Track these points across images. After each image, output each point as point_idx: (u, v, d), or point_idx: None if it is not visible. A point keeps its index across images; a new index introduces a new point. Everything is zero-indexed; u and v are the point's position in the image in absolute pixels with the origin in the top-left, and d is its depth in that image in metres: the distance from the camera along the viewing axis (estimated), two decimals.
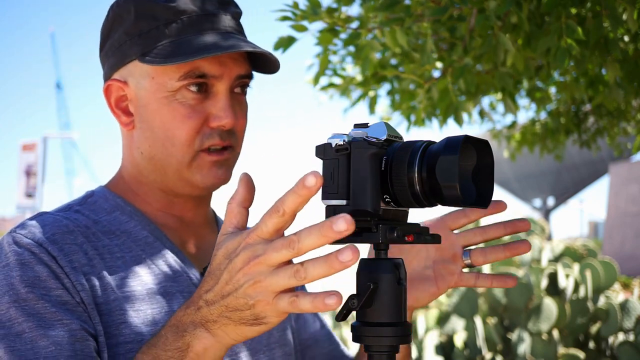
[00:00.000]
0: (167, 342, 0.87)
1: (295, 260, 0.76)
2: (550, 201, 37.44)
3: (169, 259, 1.11)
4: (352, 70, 2.81)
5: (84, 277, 1.01)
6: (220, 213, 1.31)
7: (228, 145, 1.12)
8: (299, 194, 0.72)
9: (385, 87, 2.77)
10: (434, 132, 12.40)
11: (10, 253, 0.99)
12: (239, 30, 1.15)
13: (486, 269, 4.68)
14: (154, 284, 1.07)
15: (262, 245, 0.76)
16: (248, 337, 0.82)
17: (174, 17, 1.08)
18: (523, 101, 3.77)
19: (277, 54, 2.20)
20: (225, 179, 1.14)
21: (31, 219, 1.06)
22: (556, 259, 4.74)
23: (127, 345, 1.01)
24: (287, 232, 0.78)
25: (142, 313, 1.04)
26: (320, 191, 0.87)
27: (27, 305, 0.95)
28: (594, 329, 4.17)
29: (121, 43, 1.11)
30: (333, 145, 0.86)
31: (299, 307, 0.74)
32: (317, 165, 0.88)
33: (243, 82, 1.14)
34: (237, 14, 1.15)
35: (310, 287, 1.44)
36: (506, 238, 4.64)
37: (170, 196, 1.16)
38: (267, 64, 1.15)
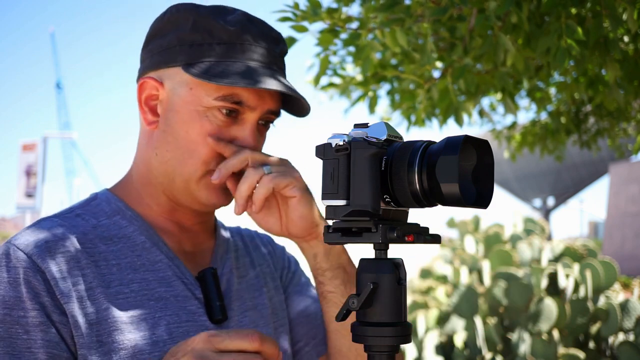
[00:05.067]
0: None
1: None
2: (550, 201, 37.43)
3: (164, 265, 1.13)
4: (352, 70, 2.81)
5: (73, 287, 1.02)
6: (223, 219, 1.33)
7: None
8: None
9: (385, 87, 2.77)
10: (434, 132, 12.36)
11: (1, 268, 1.01)
12: (282, 67, 1.18)
13: (486, 267, 4.68)
14: (148, 289, 1.09)
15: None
16: None
17: (228, 39, 1.11)
18: (523, 102, 3.77)
19: None
20: (228, 203, 1.18)
21: (28, 227, 1.08)
22: (556, 259, 4.74)
23: (121, 352, 1.02)
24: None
25: (135, 319, 1.05)
26: (320, 191, 0.87)
27: (2, 329, 0.97)
28: (594, 329, 4.17)
29: (171, 46, 1.13)
30: (333, 145, 0.86)
31: None
32: (318, 164, 0.88)
33: (270, 117, 1.17)
34: (284, 52, 1.19)
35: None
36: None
37: (173, 203, 1.18)
38: (298, 107, 1.19)
